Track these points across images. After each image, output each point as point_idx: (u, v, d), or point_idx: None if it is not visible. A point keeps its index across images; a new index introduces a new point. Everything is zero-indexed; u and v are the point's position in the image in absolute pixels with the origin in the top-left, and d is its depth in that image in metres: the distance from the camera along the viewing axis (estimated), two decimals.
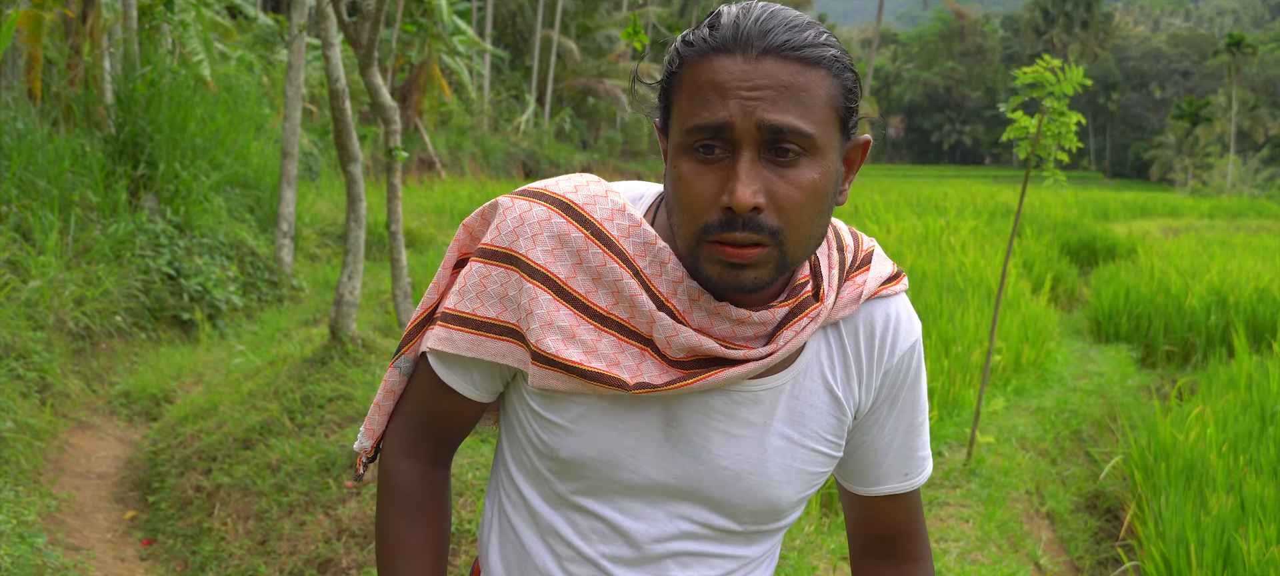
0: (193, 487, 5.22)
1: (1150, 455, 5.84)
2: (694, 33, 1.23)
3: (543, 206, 1.31)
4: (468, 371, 1.38)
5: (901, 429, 1.43)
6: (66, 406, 6.43)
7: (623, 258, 1.28)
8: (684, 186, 1.20)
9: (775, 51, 1.17)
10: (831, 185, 1.22)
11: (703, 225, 1.19)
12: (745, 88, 1.16)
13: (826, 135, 1.20)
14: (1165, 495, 5.13)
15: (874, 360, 1.37)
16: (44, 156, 8.11)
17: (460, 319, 1.34)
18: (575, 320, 1.28)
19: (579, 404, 1.31)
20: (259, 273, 9.49)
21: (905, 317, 1.39)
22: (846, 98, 1.22)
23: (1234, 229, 25.09)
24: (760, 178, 1.17)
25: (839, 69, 1.21)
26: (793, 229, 1.19)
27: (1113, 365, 8.53)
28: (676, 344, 1.25)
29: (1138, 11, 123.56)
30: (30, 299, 6.81)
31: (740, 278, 1.20)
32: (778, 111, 1.16)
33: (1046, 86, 4.84)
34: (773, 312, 1.27)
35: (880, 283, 1.37)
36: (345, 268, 5.77)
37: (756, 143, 1.17)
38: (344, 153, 5.60)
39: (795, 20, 1.21)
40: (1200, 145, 62.70)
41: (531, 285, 1.29)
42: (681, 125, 1.21)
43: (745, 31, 1.18)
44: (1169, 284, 10.02)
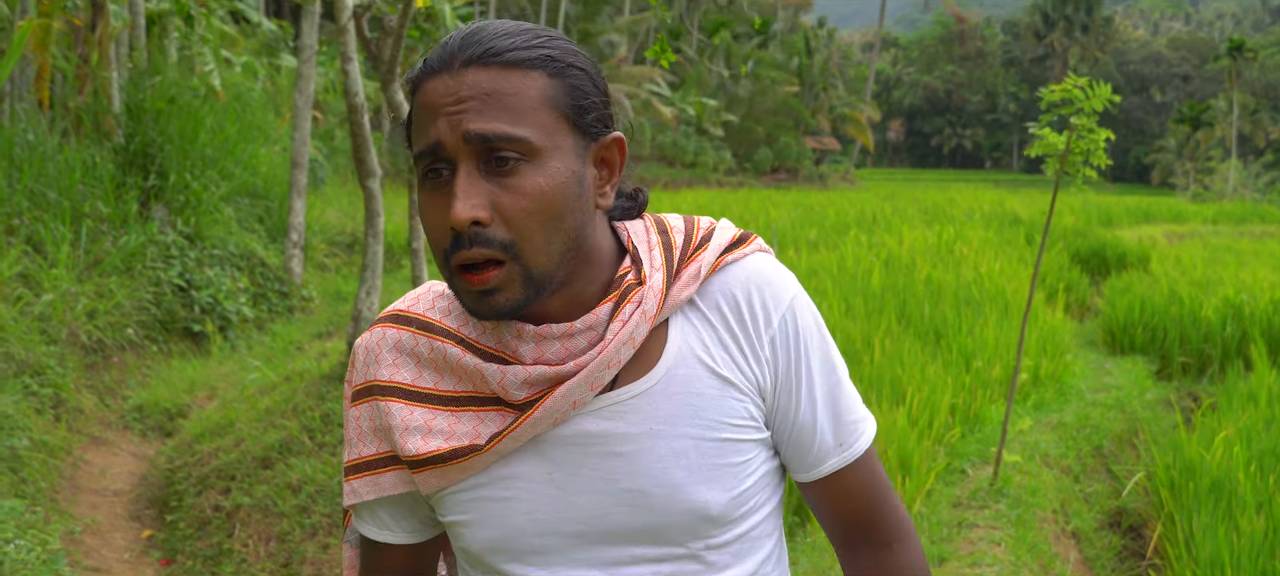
0: (211, 507, 5.17)
1: (1176, 473, 5.79)
2: (417, 63, 1.22)
3: (378, 328, 1.33)
4: (376, 516, 1.36)
5: (820, 397, 1.32)
6: (80, 422, 6.38)
7: (447, 335, 1.27)
8: (424, 216, 1.19)
9: (477, 61, 1.16)
10: (567, 189, 1.17)
11: (443, 251, 1.17)
12: (449, 102, 1.15)
13: (548, 137, 1.16)
14: (1195, 515, 5.08)
15: (751, 330, 1.28)
16: (55, 167, 8.06)
17: (354, 467, 1.33)
18: (430, 414, 1.26)
19: (465, 492, 1.28)
20: (269, 283, 9.44)
21: (771, 277, 1.31)
22: (573, 95, 1.18)
23: (1238, 235, 25.06)
24: (480, 191, 1.14)
25: (559, 68, 1.18)
26: (526, 239, 1.16)
27: (1130, 378, 8.48)
28: (512, 384, 1.22)
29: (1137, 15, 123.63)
30: (43, 313, 6.76)
31: (492, 303, 1.17)
32: (482, 120, 1.13)
33: (1075, 103, 4.79)
34: (596, 314, 1.23)
35: (721, 251, 1.30)
36: (363, 283, 5.72)
37: (472, 156, 1.14)
38: (362, 167, 5.55)
39: (507, 29, 1.19)
40: (1201, 149, 62.69)
41: (385, 403, 1.28)
42: (412, 153, 1.20)
43: (449, 49, 1.17)
44: (1183, 295, 9.97)
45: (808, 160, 46.86)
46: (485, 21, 1.21)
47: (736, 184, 38.30)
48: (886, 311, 7.89)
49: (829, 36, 59.63)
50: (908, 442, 5.15)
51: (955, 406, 6.37)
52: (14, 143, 7.77)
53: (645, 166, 36.72)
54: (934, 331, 7.65)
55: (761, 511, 1.33)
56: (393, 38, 4.74)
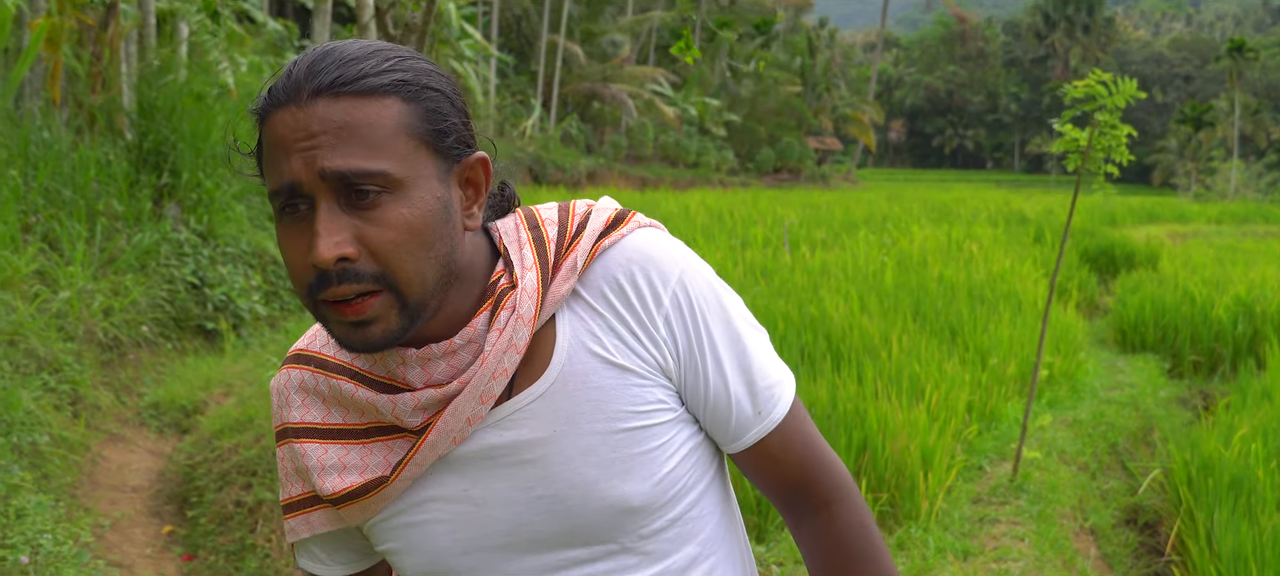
0: (233, 503, 5.17)
1: (1193, 470, 5.79)
2: (260, 93, 1.16)
3: (284, 371, 1.32)
4: (311, 552, 1.36)
5: (729, 366, 1.26)
6: (98, 418, 6.39)
7: (342, 370, 1.25)
8: (283, 251, 1.14)
9: (326, 91, 1.09)
10: (433, 216, 1.13)
11: (306, 287, 1.13)
12: (302, 138, 1.09)
13: (408, 166, 1.11)
14: (1215, 512, 5.09)
15: (640, 313, 1.23)
16: (69, 165, 8.07)
17: (288, 507, 1.33)
18: (344, 450, 1.24)
19: (388, 521, 1.26)
20: (281, 281, 9.45)
21: (653, 254, 1.24)
22: (430, 120, 1.13)
23: (1242, 235, 25.09)
24: (342, 227, 1.09)
25: (413, 92, 1.12)
26: (397, 270, 1.11)
27: (1143, 376, 8.49)
28: (405, 412, 1.19)
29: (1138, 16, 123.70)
30: (60, 310, 6.77)
31: (366, 334, 1.13)
32: (337, 156, 1.08)
33: (1099, 99, 4.80)
34: (473, 326, 1.19)
35: (596, 237, 1.24)
36: None
37: (330, 192, 1.09)
38: None
39: (353, 53, 1.12)
40: (1203, 150, 62.73)
41: (300, 444, 1.27)
42: (267, 189, 1.15)
43: (295, 79, 1.10)
44: (1194, 294, 9.99)
45: (810, 160, 46.90)
46: (333, 44, 1.14)
47: (739, 184, 38.30)
48: (901, 309, 7.91)
49: (831, 37, 59.70)
50: (929, 439, 5.16)
51: (972, 403, 6.39)
52: (29, 141, 7.78)
53: (648, 166, 36.73)
54: (949, 329, 7.67)
55: (694, 491, 1.28)
56: (417, 36, 4.75)
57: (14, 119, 8.26)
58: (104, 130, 9.43)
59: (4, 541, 3.81)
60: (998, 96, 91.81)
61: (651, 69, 40.03)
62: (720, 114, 43.03)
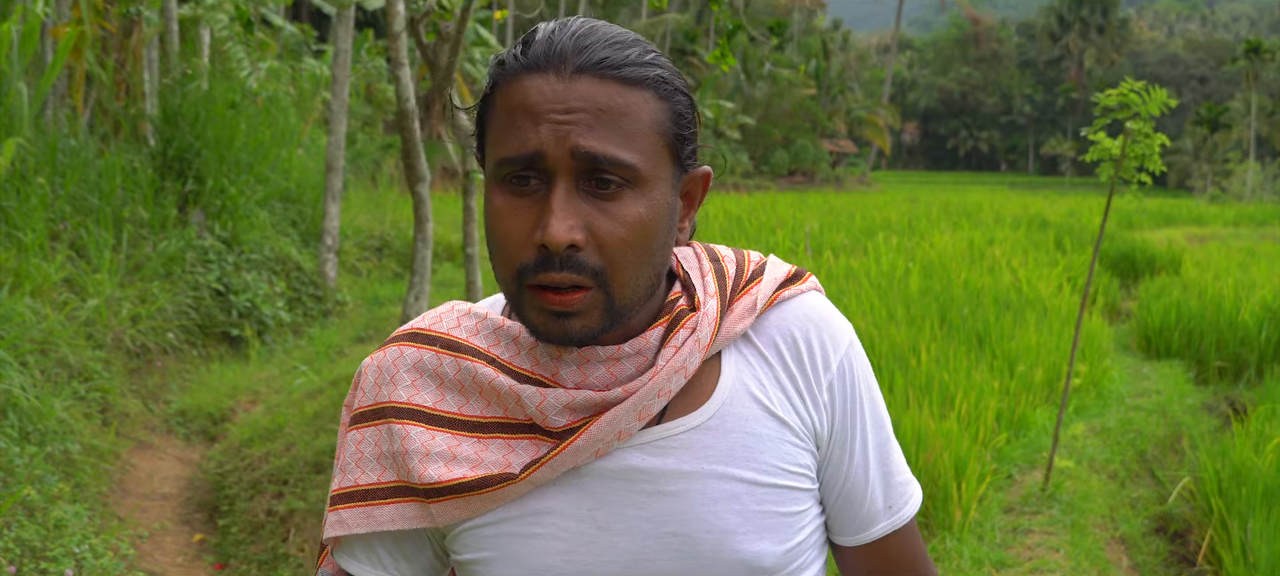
0: (264, 511, 5.19)
1: (1225, 478, 5.76)
2: (508, 53, 1.12)
3: (393, 347, 1.22)
4: (371, 552, 1.22)
5: (872, 452, 1.24)
6: (126, 426, 6.41)
7: (476, 354, 1.17)
8: (497, 223, 1.10)
9: (592, 70, 1.06)
10: (662, 221, 1.10)
11: (519, 266, 1.08)
12: (558, 110, 1.05)
13: (653, 165, 1.09)
14: (1250, 521, 5.06)
15: (810, 373, 1.20)
16: (95, 173, 8.10)
17: (345, 496, 1.20)
18: (454, 440, 1.16)
19: (488, 526, 1.16)
20: (305, 287, 9.48)
21: (829, 317, 1.23)
22: (677, 123, 1.11)
23: (1260, 237, 24.96)
24: (578, 211, 1.06)
25: (668, 91, 1.10)
26: (618, 269, 1.07)
27: (1169, 382, 8.45)
28: (550, 409, 1.12)
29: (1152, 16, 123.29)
30: (89, 318, 6.80)
31: (566, 327, 1.08)
32: (594, 137, 1.05)
33: (1132, 107, 4.78)
34: (646, 338, 1.14)
35: (777, 285, 1.23)
36: (411, 288, 5.74)
37: (572, 172, 1.06)
38: (412, 172, 5.57)
39: (618, 37, 1.10)
40: (1219, 151, 62.47)
41: (401, 426, 1.17)
42: (493, 155, 1.10)
43: (559, 47, 1.07)
44: (1220, 299, 9.93)
45: (825, 163, 46.85)
46: (587, 20, 1.11)
47: (754, 187, 38.28)
48: (929, 316, 7.88)
49: (844, 39, 59.64)
50: (961, 448, 5.14)
51: (1001, 412, 6.36)
52: (56, 148, 7.82)
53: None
54: (976, 336, 7.64)
55: (809, 571, 1.23)
56: (450, 44, 4.76)
57: (41, 127, 8.30)
58: (128, 137, 9.47)
59: (46, 553, 3.82)
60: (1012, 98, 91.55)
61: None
62: (734, 117, 43.02)
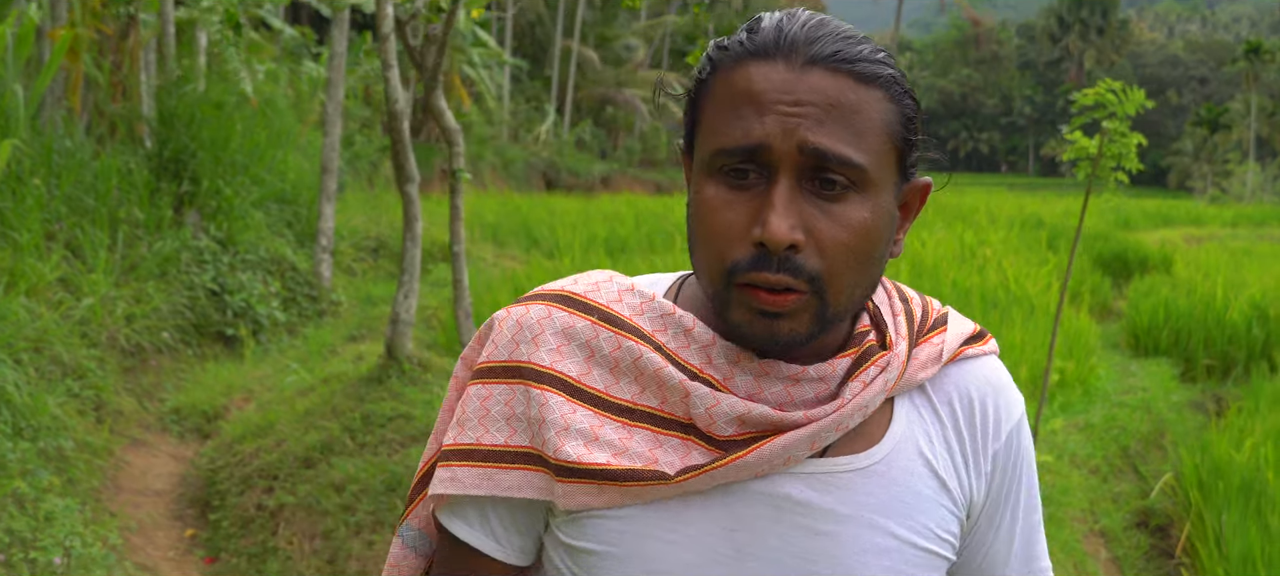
0: (255, 506, 5.26)
1: (1204, 473, 5.84)
2: (729, 38, 1.07)
3: (540, 305, 1.12)
4: (484, 517, 1.13)
5: (1019, 531, 1.19)
6: (121, 424, 6.48)
7: (639, 335, 1.09)
8: (709, 215, 1.04)
9: (825, 62, 1.01)
10: (884, 229, 1.04)
11: (731, 262, 1.01)
12: (787, 101, 1.00)
13: (881, 169, 1.03)
14: (1224, 514, 5.14)
15: (979, 438, 1.15)
16: (91, 174, 8.18)
17: (463, 452, 1.11)
18: (597, 419, 1.07)
19: (617, 520, 1.08)
20: (299, 288, 9.55)
21: (1006, 386, 1.18)
22: (906, 127, 1.05)
23: (1258, 238, 24.99)
24: (800, 210, 1.00)
25: (898, 93, 1.04)
26: (836, 275, 1.01)
27: (1155, 380, 8.53)
28: (721, 415, 1.05)
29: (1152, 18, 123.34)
30: (83, 317, 6.88)
31: (774, 328, 1.02)
32: (824, 133, 0.99)
33: (1108, 107, 4.86)
34: (833, 366, 1.08)
35: (962, 340, 1.17)
36: (401, 287, 5.81)
37: (797, 168, 1.00)
38: (401, 173, 5.65)
39: (849, 31, 1.04)
40: (1219, 152, 62.52)
41: (540, 391, 1.08)
42: (709, 144, 1.04)
43: (790, 36, 1.02)
44: (1209, 297, 10.01)
45: None
46: (815, 13, 1.06)
47: None
48: None
49: None
50: None
51: None
52: (52, 150, 7.90)
53: (662, 171, 36.81)
54: None
55: None
56: (437, 47, 4.84)
57: (37, 128, 8.38)
58: (124, 139, 9.55)
59: (36, 543, 3.90)
60: (1012, 99, 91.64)
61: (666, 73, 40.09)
62: None
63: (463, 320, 5.21)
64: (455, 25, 20.69)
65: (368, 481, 4.92)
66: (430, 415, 5.34)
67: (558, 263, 9.70)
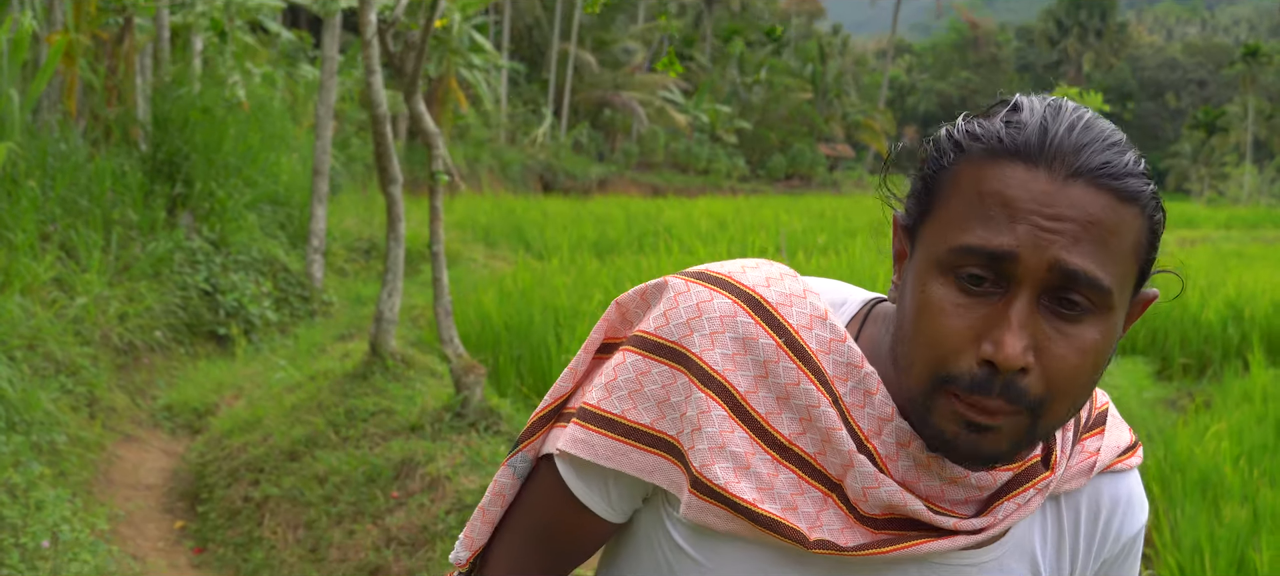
0: (241, 498, 5.42)
1: (1167, 467, 6.00)
2: (982, 123, 0.99)
3: (727, 299, 1.06)
4: (604, 485, 1.11)
5: None
6: (113, 420, 6.65)
7: (820, 378, 1.04)
8: (932, 317, 0.96)
9: (1090, 176, 0.93)
10: (1110, 351, 0.99)
11: (949, 373, 0.96)
12: (1046, 214, 0.92)
13: (1122, 291, 0.96)
14: (1181, 506, 5.30)
15: (1094, 545, 1.15)
16: (86, 176, 8.36)
17: (605, 420, 1.08)
18: (751, 446, 1.04)
19: (735, 547, 1.07)
20: (291, 288, 9.72)
21: (1136, 503, 1.16)
22: (1153, 245, 0.99)
23: (1251, 240, 25.15)
24: (1035, 330, 0.94)
25: (1153, 208, 0.97)
26: (1057, 400, 0.96)
27: (1129, 378, 8.69)
28: (873, 498, 1.02)
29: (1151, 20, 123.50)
30: (77, 316, 7.05)
31: (979, 444, 0.97)
32: (1078, 253, 0.92)
33: None
34: (994, 476, 1.04)
35: (1116, 453, 1.14)
36: (385, 286, 5.97)
37: (1039, 285, 0.93)
38: (384, 175, 5.81)
39: (1114, 136, 0.96)
40: (1216, 155, 62.62)
41: (703, 394, 1.04)
42: (948, 238, 0.97)
43: (1056, 141, 0.94)
44: (1185, 297, 10.17)
45: (821, 167, 47.05)
46: (1081, 111, 0.98)
47: (750, 190, 38.52)
48: None
49: (843, 44, 59.88)
50: None
51: None
52: (47, 152, 8.08)
53: (659, 173, 36.99)
54: None
55: None
56: (415, 51, 5.01)
57: (32, 131, 8.56)
58: (119, 142, 9.72)
59: (25, 529, 4.07)
60: None
61: (664, 76, 40.28)
62: (731, 121, 43.27)
63: (442, 317, 5.37)
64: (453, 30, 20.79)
65: (349, 473, 5.08)
66: (412, 410, 5.50)
67: (546, 264, 9.87)
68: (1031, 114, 0.96)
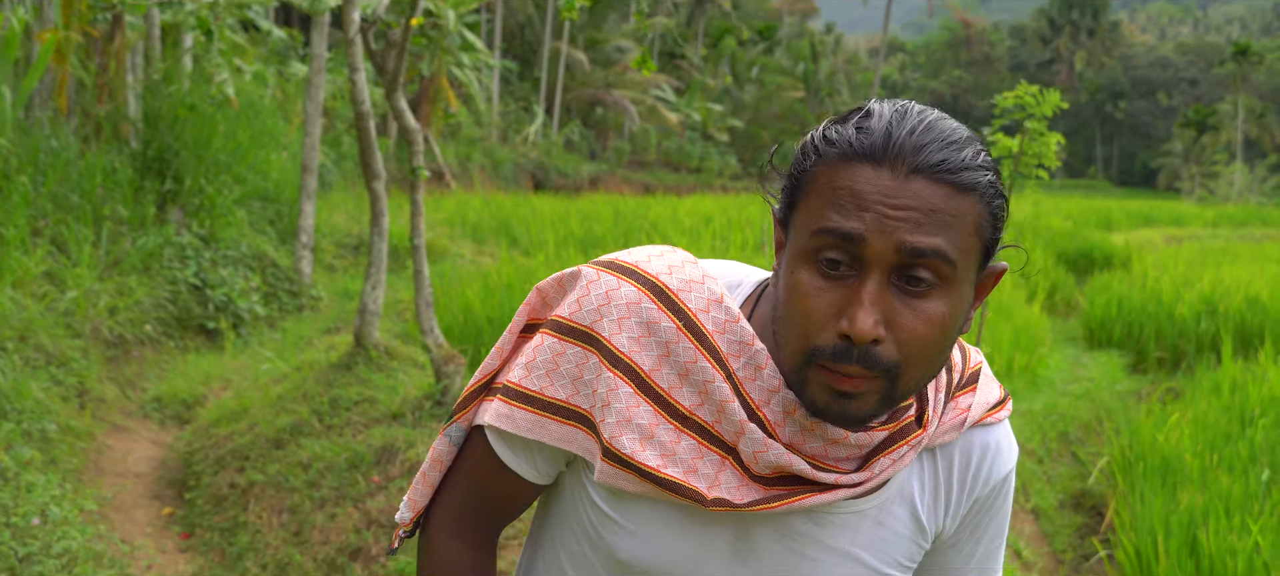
0: (227, 485, 5.56)
1: (1130, 455, 6.16)
2: (837, 129, 1.12)
3: (633, 287, 1.19)
4: (530, 453, 1.26)
5: (979, 553, 1.34)
6: (103, 410, 6.78)
7: (715, 356, 1.17)
8: (799, 299, 1.10)
9: (929, 171, 1.06)
10: (958, 321, 1.12)
11: (814, 347, 1.09)
12: (889, 204, 1.06)
13: (966, 266, 1.09)
14: (1140, 492, 5.46)
15: (965, 489, 1.28)
16: (77, 172, 8.49)
17: (525, 396, 1.22)
18: (655, 418, 1.17)
19: (646, 506, 1.21)
20: (280, 283, 9.85)
21: (1005, 447, 1.30)
22: (994, 226, 1.12)
23: (1238, 238, 25.33)
24: (885, 306, 1.07)
25: (991, 195, 1.10)
26: (911, 365, 1.09)
27: (1103, 371, 8.85)
28: (764, 460, 1.16)
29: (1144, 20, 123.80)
30: (68, 309, 7.18)
31: (846, 407, 1.10)
32: (924, 235, 1.05)
33: (1027, 109, 5.18)
34: (871, 435, 1.17)
35: (985, 409, 1.27)
36: (368, 279, 6.11)
37: (888, 266, 1.06)
38: (368, 171, 5.95)
39: (953, 135, 1.09)
40: (1207, 153, 62.84)
41: (611, 374, 1.18)
42: (807, 226, 1.10)
43: (898, 144, 1.07)
44: (1161, 292, 10.34)
45: None
46: (924, 110, 1.11)
47: (741, 189, 38.67)
48: None
49: (836, 42, 60.01)
50: None
51: None
52: (38, 149, 8.20)
53: (651, 172, 37.11)
54: None
55: None
56: (396, 50, 5.15)
57: (24, 128, 8.69)
58: (110, 138, 9.85)
59: (16, 509, 4.21)
60: None
61: (655, 75, 40.42)
62: (723, 119, 43.42)
63: (423, 309, 5.52)
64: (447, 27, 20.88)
65: (332, 460, 5.22)
66: (394, 399, 5.64)
67: (532, 260, 10.01)
68: (879, 119, 1.09)
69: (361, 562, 4.51)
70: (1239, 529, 4.64)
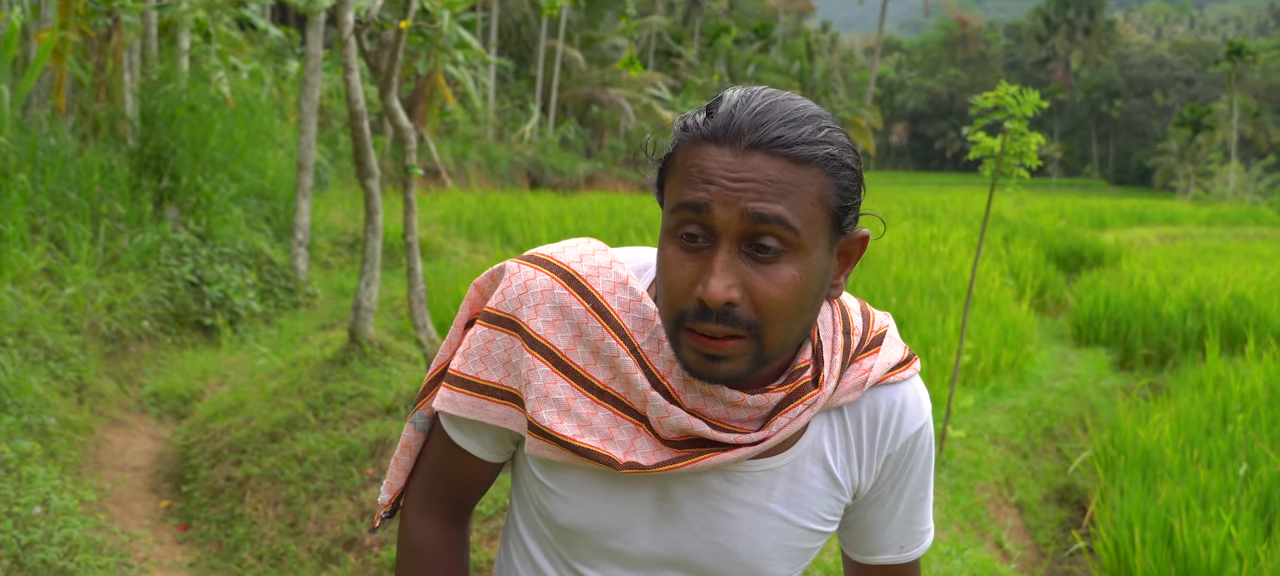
0: (224, 478, 5.66)
1: (1112, 449, 6.27)
2: (693, 116, 1.24)
3: (547, 276, 1.31)
4: (478, 433, 1.39)
5: (902, 506, 1.42)
6: (101, 405, 6.87)
7: (620, 333, 1.28)
8: (666, 271, 1.21)
9: (765, 147, 1.16)
10: (815, 282, 1.21)
11: (680, 312, 1.19)
12: (731, 178, 1.16)
13: (813, 233, 1.18)
14: (1121, 485, 5.56)
15: (876, 445, 1.37)
16: (74, 170, 8.57)
17: (463, 381, 1.35)
18: (572, 392, 1.29)
19: (575, 473, 1.32)
20: (276, 280, 9.94)
21: (912, 403, 1.38)
22: (841, 196, 1.20)
23: (1231, 237, 25.42)
24: (737, 271, 1.16)
25: (834, 167, 1.19)
26: (770, 324, 1.18)
27: (1089, 368, 8.95)
28: (668, 424, 1.26)
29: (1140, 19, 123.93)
30: (66, 305, 7.27)
31: (715, 369, 1.20)
32: (762, 204, 1.15)
33: (1007, 110, 5.28)
34: (768, 397, 1.26)
35: (887, 369, 1.36)
36: (363, 276, 6.21)
37: (736, 236, 1.16)
38: (362, 169, 6.04)
39: (794, 114, 1.19)
40: (1202, 153, 62.91)
41: (531, 355, 1.29)
42: (669, 204, 1.22)
43: (737, 124, 1.17)
44: (1148, 290, 10.44)
45: None
46: (773, 93, 1.22)
47: None
48: None
49: (832, 41, 60.11)
50: None
51: None
52: (37, 147, 8.29)
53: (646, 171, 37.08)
54: (897, 322, 8.14)
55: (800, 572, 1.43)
56: (389, 50, 5.24)
57: (22, 126, 8.78)
58: (107, 137, 9.94)
59: (18, 499, 4.31)
60: None
61: (651, 74, 40.46)
62: None
63: (416, 305, 5.61)
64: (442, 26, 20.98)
65: (327, 453, 5.32)
66: (388, 393, 5.74)
67: None
68: (726, 104, 1.21)
69: (355, 552, 4.60)
70: (1213, 520, 4.74)
